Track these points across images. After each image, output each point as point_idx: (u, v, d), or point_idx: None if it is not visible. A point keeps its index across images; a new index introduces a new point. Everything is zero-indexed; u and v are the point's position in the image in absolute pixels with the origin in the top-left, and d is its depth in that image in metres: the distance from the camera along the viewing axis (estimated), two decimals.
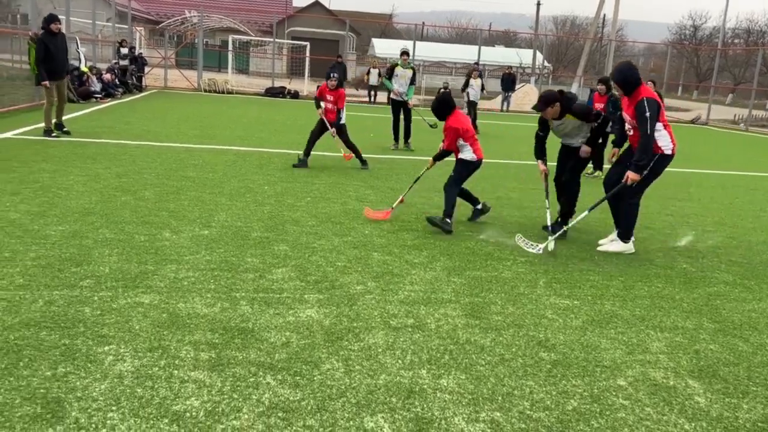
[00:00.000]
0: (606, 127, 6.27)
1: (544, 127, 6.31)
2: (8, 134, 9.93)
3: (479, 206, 6.59)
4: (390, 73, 12.14)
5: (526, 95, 27.91)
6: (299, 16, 40.50)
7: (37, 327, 3.42)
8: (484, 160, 6.30)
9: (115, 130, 11.38)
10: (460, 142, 6.19)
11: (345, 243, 5.45)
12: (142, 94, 20.11)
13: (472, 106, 15.77)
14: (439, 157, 6.40)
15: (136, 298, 3.90)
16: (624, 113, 5.68)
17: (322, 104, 9.18)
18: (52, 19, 9.87)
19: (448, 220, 6.08)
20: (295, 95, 24.25)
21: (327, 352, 3.39)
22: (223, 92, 23.45)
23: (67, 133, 10.40)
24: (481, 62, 38.75)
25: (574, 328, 3.99)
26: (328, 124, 9.10)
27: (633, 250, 5.83)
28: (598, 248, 5.88)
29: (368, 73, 25.59)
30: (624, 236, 5.84)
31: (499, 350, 3.58)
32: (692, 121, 28.07)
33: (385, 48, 40.86)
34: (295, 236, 5.54)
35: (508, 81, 25.28)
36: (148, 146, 9.81)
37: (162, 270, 4.44)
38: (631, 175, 5.47)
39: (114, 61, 19.85)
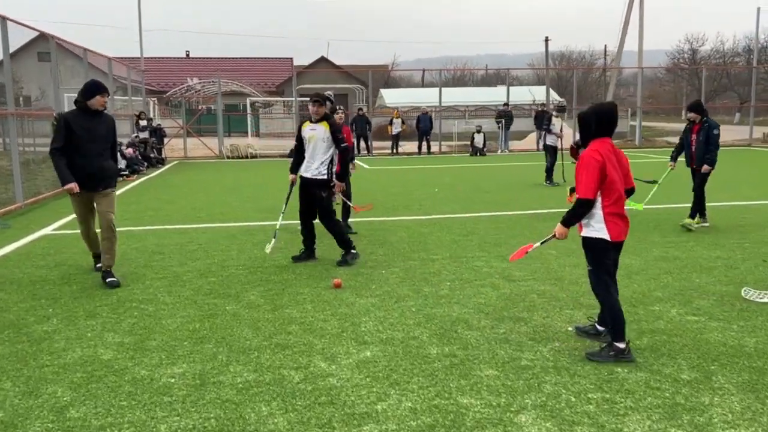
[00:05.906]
0: (348, 157, 6.32)
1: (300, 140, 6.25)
2: (47, 230, 8.53)
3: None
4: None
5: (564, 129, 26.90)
6: (306, 73, 39.79)
7: None
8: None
9: (162, 212, 9.94)
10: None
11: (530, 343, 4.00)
12: (167, 167, 18.82)
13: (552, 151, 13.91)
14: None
15: None
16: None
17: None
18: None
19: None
20: None
21: None
22: (246, 157, 22.21)
23: None
24: (489, 102, 38.03)
25: None
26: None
27: None
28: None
29: (391, 123, 24.51)
30: None
31: None
32: None
33: (394, 97, 40.03)
34: (477, 343, 4.08)
35: (542, 118, 24.12)
36: (213, 229, 8.39)
37: None
38: None
39: (134, 134, 18.62)
